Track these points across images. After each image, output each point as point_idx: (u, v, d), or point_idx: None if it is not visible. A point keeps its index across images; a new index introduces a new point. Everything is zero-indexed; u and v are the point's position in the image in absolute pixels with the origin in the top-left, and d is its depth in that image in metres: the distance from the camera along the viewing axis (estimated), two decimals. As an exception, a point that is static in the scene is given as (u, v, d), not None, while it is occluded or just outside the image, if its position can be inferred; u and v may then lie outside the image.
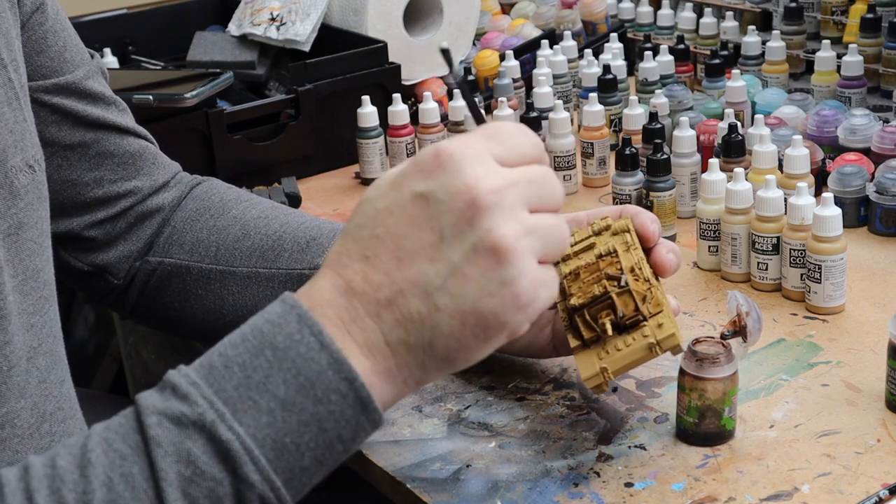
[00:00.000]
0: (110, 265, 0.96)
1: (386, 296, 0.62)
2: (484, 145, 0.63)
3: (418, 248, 0.62)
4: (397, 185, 0.63)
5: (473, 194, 0.61)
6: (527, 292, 0.62)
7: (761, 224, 1.04)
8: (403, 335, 0.62)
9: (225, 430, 0.59)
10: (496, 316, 0.62)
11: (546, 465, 0.81)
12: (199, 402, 0.60)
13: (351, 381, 0.61)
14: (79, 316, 1.83)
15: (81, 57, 0.92)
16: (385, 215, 0.63)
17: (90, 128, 0.92)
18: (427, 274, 0.61)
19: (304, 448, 0.61)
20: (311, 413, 0.60)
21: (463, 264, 0.61)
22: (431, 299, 0.61)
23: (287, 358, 0.61)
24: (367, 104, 1.38)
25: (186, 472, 0.58)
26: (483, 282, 0.61)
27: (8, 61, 0.77)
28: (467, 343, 0.62)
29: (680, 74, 1.50)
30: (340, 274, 0.63)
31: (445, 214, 0.61)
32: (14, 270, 0.74)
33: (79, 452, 0.59)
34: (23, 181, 0.75)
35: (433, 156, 0.62)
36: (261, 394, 0.60)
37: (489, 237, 0.61)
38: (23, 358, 0.74)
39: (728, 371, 0.80)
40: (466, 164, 0.62)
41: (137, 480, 0.58)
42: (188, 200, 1.00)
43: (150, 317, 1.01)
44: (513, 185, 0.62)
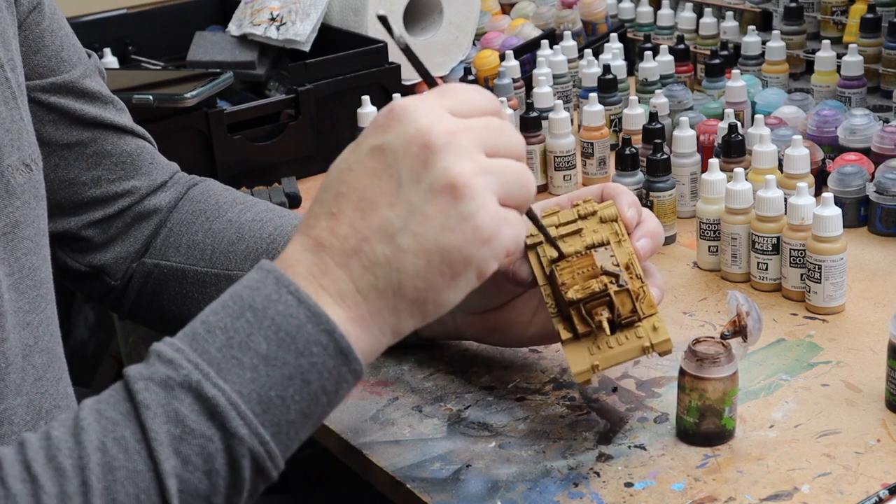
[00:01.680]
0: (107, 266, 0.96)
1: (352, 245, 0.64)
2: (436, 100, 0.66)
3: (379, 196, 0.64)
4: (356, 145, 0.66)
5: (426, 137, 0.64)
6: (487, 226, 0.64)
7: (761, 224, 1.04)
8: (372, 280, 0.64)
9: (210, 388, 0.61)
10: (459, 251, 0.63)
11: (546, 465, 0.81)
12: (183, 364, 0.61)
13: (330, 332, 0.63)
14: (79, 316, 1.83)
15: (79, 56, 0.92)
16: (346, 173, 0.65)
17: (87, 127, 0.92)
18: (389, 218, 0.64)
19: (289, 401, 0.62)
20: (293, 366, 0.62)
21: (422, 204, 0.63)
22: (395, 241, 0.63)
23: (267, 317, 0.63)
24: (367, 104, 1.37)
25: (176, 431, 0.60)
26: (443, 219, 0.63)
27: (5, 60, 0.77)
28: (434, 281, 0.64)
29: (680, 74, 1.50)
30: (308, 234, 0.65)
31: (401, 161, 0.64)
32: (10, 269, 0.74)
33: (71, 423, 0.61)
34: (19, 180, 0.75)
35: (387, 112, 0.66)
36: (243, 352, 0.62)
37: (444, 175, 0.63)
38: (18, 356, 0.74)
39: (728, 371, 0.80)
40: (419, 113, 0.65)
41: (130, 443, 0.60)
42: (184, 202, 0.99)
43: (149, 318, 1.01)
44: (466, 129, 0.65)
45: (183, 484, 0.60)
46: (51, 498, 0.58)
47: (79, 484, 0.59)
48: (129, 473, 0.59)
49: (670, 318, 1.01)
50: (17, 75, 0.78)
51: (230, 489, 0.61)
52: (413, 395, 0.92)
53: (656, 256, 1.14)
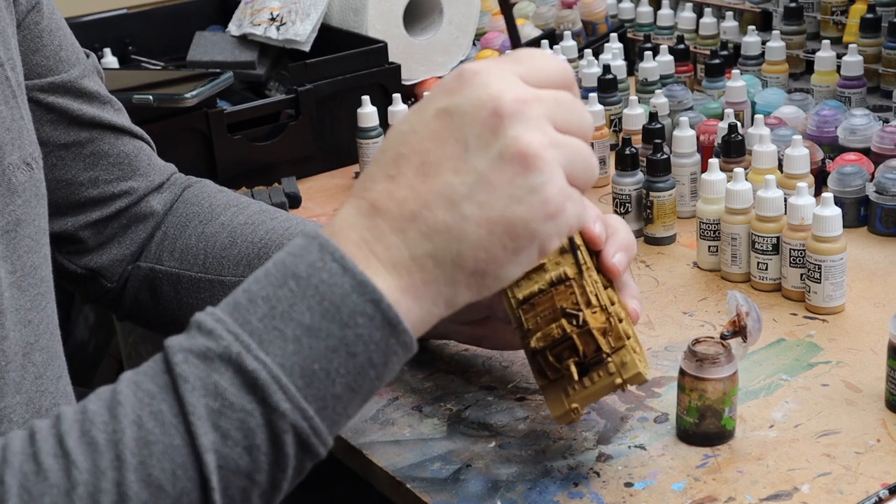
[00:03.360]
0: (103, 268, 0.96)
1: (411, 209, 0.61)
2: (508, 65, 0.63)
3: (443, 161, 0.61)
4: (421, 107, 0.63)
5: (497, 103, 0.60)
6: (555, 199, 0.61)
7: (761, 224, 1.04)
8: (430, 248, 0.61)
9: (251, 360, 0.58)
10: (525, 223, 0.61)
11: (546, 465, 0.81)
12: (223, 335, 0.59)
13: (377, 302, 0.60)
14: (79, 316, 1.83)
15: (77, 56, 0.92)
16: (409, 135, 0.62)
17: (85, 127, 0.92)
18: (452, 184, 0.60)
19: (334, 374, 0.60)
20: (338, 338, 0.59)
21: (489, 172, 0.60)
22: (458, 209, 0.60)
23: (310, 286, 0.60)
24: (367, 104, 1.38)
25: (215, 404, 0.58)
26: (510, 188, 0.60)
27: (5, 59, 0.77)
28: (496, 253, 0.61)
29: (680, 74, 1.50)
30: (363, 196, 0.62)
31: (470, 125, 0.61)
32: (11, 267, 0.74)
33: (108, 396, 0.59)
34: (20, 178, 0.75)
35: (456, 75, 0.62)
36: (286, 323, 0.59)
37: (515, 144, 0.60)
38: (18, 354, 0.74)
39: (728, 371, 0.80)
40: (490, 77, 0.61)
41: (167, 417, 0.58)
42: (179, 204, 0.99)
43: (146, 320, 1.01)
44: (538, 99, 0.62)
45: (222, 459, 0.58)
46: (82, 473, 0.56)
47: (112, 458, 0.57)
48: (166, 448, 0.57)
49: (670, 319, 1.01)
50: (16, 74, 0.78)
51: (273, 465, 0.59)
52: (413, 395, 0.92)
53: (657, 257, 1.14)
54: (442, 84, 0.63)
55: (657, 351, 0.96)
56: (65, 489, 0.56)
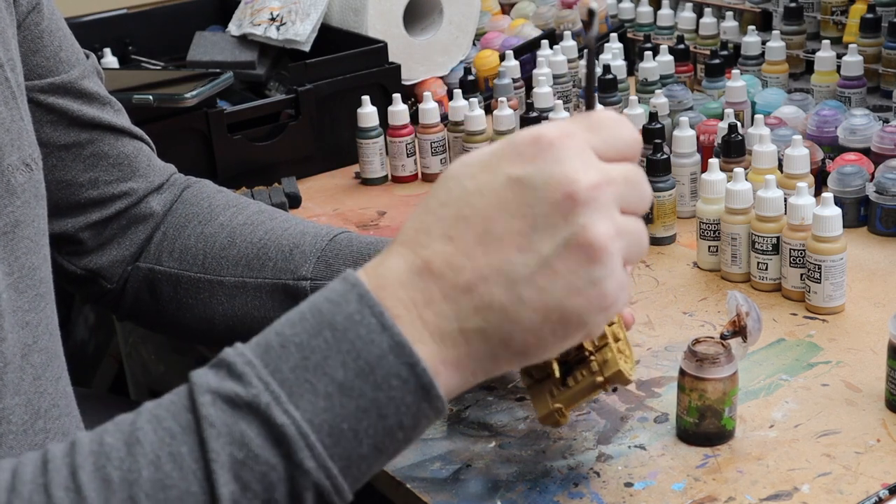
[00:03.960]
0: (103, 269, 0.96)
1: (467, 280, 0.59)
2: (585, 136, 0.61)
3: (507, 235, 0.59)
4: (490, 167, 0.60)
5: (572, 187, 0.58)
6: (611, 294, 0.60)
7: (761, 224, 1.04)
8: (481, 324, 0.59)
9: (280, 414, 0.57)
10: (579, 315, 0.59)
11: (546, 465, 0.81)
12: (254, 382, 0.57)
13: (412, 365, 0.58)
14: (79, 316, 1.83)
15: (77, 57, 0.92)
16: (475, 196, 0.60)
17: (85, 128, 0.92)
18: (514, 263, 0.59)
19: (362, 435, 0.58)
20: (370, 398, 0.58)
21: (553, 258, 0.59)
22: (516, 290, 0.59)
23: (346, 339, 0.58)
24: (367, 104, 1.38)
25: (239, 454, 0.56)
26: (572, 279, 0.59)
27: (4, 60, 0.77)
28: (545, 339, 0.60)
29: (680, 74, 1.50)
30: (418, 253, 0.60)
31: (540, 203, 0.59)
32: (10, 268, 0.74)
33: (127, 429, 0.58)
34: (20, 179, 0.75)
35: (532, 140, 0.60)
36: (318, 377, 0.58)
37: (584, 234, 0.58)
38: (17, 355, 0.74)
39: (728, 371, 0.80)
40: (566, 154, 0.59)
41: (186, 461, 0.56)
42: (178, 205, 0.99)
43: (146, 321, 1.01)
44: (610, 183, 0.60)
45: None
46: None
47: (124, 499, 0.55)
48: (182, 494, 0.56)
49: (670, 318, 1.01)
50: (16, 75, 0.78)
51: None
52: (413, 395, 0.91)
53: (657, 257, 1.14)
54: (515, 145, 0.60)
55: (657, 351, 0.96)
56: None
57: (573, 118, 0.62)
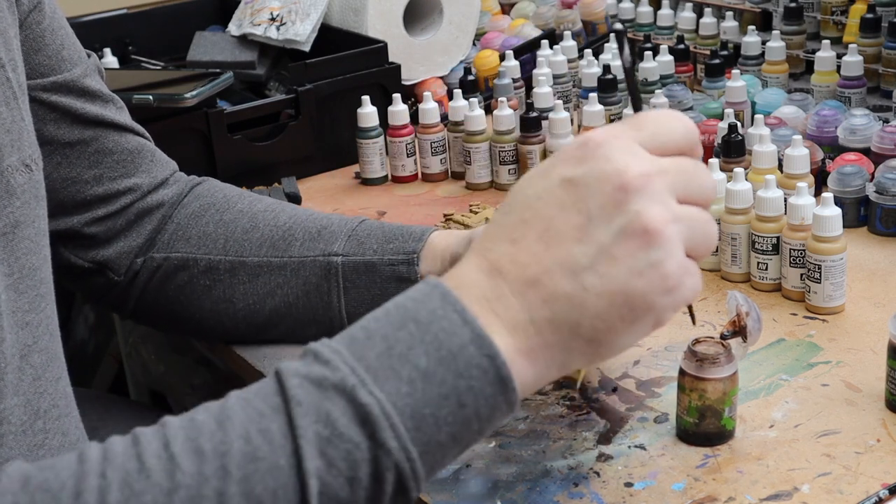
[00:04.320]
0: (111, 261, 0.97)
1: (532, 274, 0.62)
2: (631, 134, 0.64)
3: (566, 230, 0.62)
4: (545, 173, 0.64)
5: (622, 178, 0.61)
6: (674, 275, 0.62)
7: (761, 224, 1.04)
8: (549, 314, 0.62)
9: (366, 395, 0.59)
10: (643, 296, 0.62)
11: (546, 465, 0.81)
12: (340, 366, 0.60)
13: (492, 357, 0.60)
14: (79, 316, 1.83)
15: (79, 55, 0.92)
16: (533, 200, 0.63)
17: (89, 125, 0.93)
18: (574, 254, 0.62)
19: (441, 422, 0.60)
20: (451, 386, 0.60)
21: (611, 245, 0.61)
22: (579, 279, 0.61)
23: (429, 332, 0.61)
24: (367, 104, 1.38)
25: (325, 432, 0.58)
26: (631, 262, 0.61)
27: (6, 60, 0.77)
28: (613, 324, 0.62)
29: (680, 74, 1.50)
30: (485, 256, 0.63)
31: (594, 197, 0.62)
32: (9, 269, 0.74)
33: (216, 410, 0.60)
34: (19, 180, 0.75)
35: (581, 144, 0.63)
36: (402, 364, 0.60)
37: (638, 219, 0.61)
38: (16, 355, 0.74)
39: (728, 371, 0.81)
40: (614, 150, 0.62)
41: (275, 436, 0.58)
42: (190, 199, 1.00)
43: (153, 314, 1.01)
44: (662, 172, 0.62)
45: (324, 486, 0.58)
46: (186, 476, 0.57)
47: (217, 468, 0.57)
48: (271, 467, 0.57)
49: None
50: (18, 75, 0.78)
51: (369, 501, 0.59)
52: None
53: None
54: (566, 151, 0.64)
55: (657, 351, 0.96)
56: (167, 489, 0.56)
57: (620, 121, 0.64)
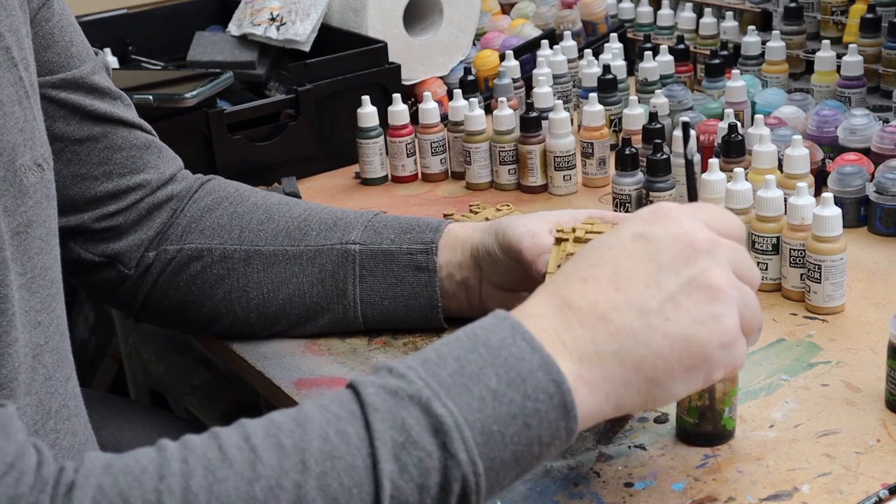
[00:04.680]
0: (122, 254, 0.97)
1: (601, 310, 0.65)
2: (696, 211, 0.70)
3: (636, 275, 0.66)
4: (617, 231, 0.69)
5: (691, 238, 0.67)
6: (731, 331, 0.66)
7: (761, 224, 1.04)
8: (616, 347, 0.65)
9: (440, 406, 0.61)
10: (702, 345, 0.66)
11: (546, 465, 0.81)
12: (415, 380, 0.62)
13: (559, 383, 0.63)
14: (79, 316, 1.83)
15: (87, 52, 0.93)
16: (605, 251, 0.68)
17: (98, 122, 0.93)
18: (643, 296, 0.66)
19: (507, 440, 0.62)
20: (519, 406, 0.62)
21: (678, 294, 0.66)
22: (646, 318, 0.65)
23: (500, 356, 0.63)
24: (367, 104, 1.38)
25: (400, 438, 0.60)
26: (695, 312, 0.66)
27: (18, 59, 0.77)
28: (672, 367, 0.66)
29: (680, 74, 1.50)
30: (556, 293, 0.67)
31: (664, 251, 0.67)
32: (22, 268, 0.74)
33: (294, 412, 0.61)
34: (31, 180, 0.76)
35: (653, 210, 0.69)
36: (473, 382, 0.62)
37: (704, 275, 0.66)
38: (29, 355, 0.74)
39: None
40: (684, 217, 0.68)
41: (353, 438, 0.60)
42: (201, 194, 1.01)
43: (162, 308, 1.01)
44: (723, 245, 0.68)
45: (396, 490, 0.59)
46: (267, 468, 0.58)
47: (297, 462, 0.59)
48: (347, 466, 0.59)
49: (670, 318, 1.01)
50: (29, 74, 0.79)
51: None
52: (413, 395, 0.92)
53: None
54: (638, 215, 0.70)
55: (657, 351, 0.96)
56: (248, 478, 0.58)
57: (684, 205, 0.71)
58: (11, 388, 0.72)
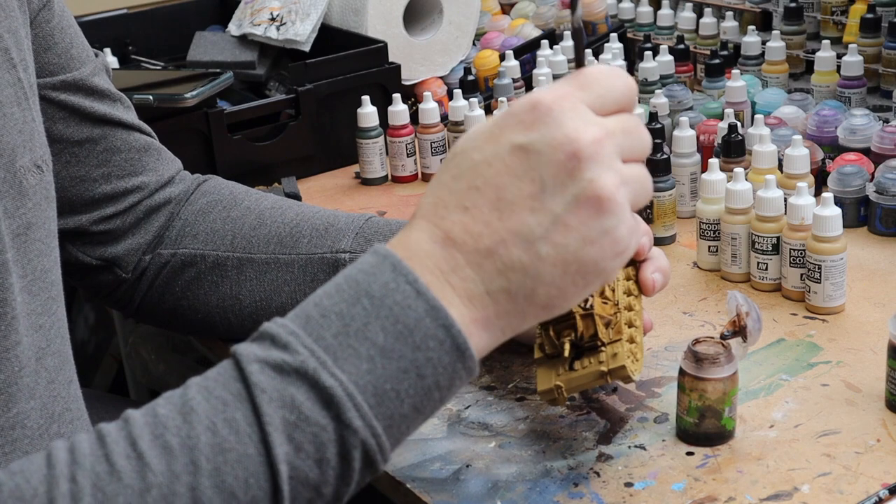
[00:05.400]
0: (119, 258, 0.97)
1: (486, 245, 0.63)
2: (579, 95, 0.64)
3: (519, 199, 0.63)
4: (494, 137, 0.64)
5: (574, 146, 0.62)
6: (624, 240, 0.64)
7: (761, 224, 1.04)
8: (505, 284, 0.63)
9: (328, 377, 0.59)
10: (596, 263, 0.63)
11: (546, 465, 0.81)
12: (299, 350, 0.60)
13: (448, 327, 0.61)
14: (79, 316, 1.83)
15: (87, 54, 0.92)
16: (483, 167, 0.63)
17: (97, 124, 0.93)
18: (529, 224, 0.62)
19: (403, 395, 0.61)
20: (409, 360, 0.61)
21: (565, 214, 0.62)
22: (534, 249, 0.62)
23: (384, 306, 0.61)
24: (367, 104, 1.38)
25: (291, 417, 0.59)
26: (585, 230, 0.62)
27: (17, 61, 0.77)
28: (567, 290, 0.64)
29: (680, 74, 1.50)
30: (438, 225, 0.64)
31: (546, 166, 0.62)
32: (23, 271, 0.74)
33: (179, 401, 0.60)
34: (31, 181, 0.76)
35: (530, 107, 0.63)
36: (360, 341, 0.61)
37: (591, 188, 0.62)
38: (32, 359, 0.74)
39: (728, 371, 0.80)
40: (565, 116, 0.63)
41: (241, 425, 0.58)
42: (197, 195, 1.00)
43: (158, 311, 1.01)
44: (609, 135, 0.64)
45: (294, 471, 0.59)
46: (157, 476, 0.57)
47: (186, 463, 0.57)
48: (240, 456, 0.58)
49: (670, 319, 1.01)
50: (29, 76, 0.78)
51: (339, 479, 0.60)
52: (413, 395, 0.91)
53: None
54: (515, 114, 0.64)
55: (657, 351, 0.96)
56: (139, 490, 0.56)
57: (565, 79, 0.66)
58: (14, 392, 0.72)
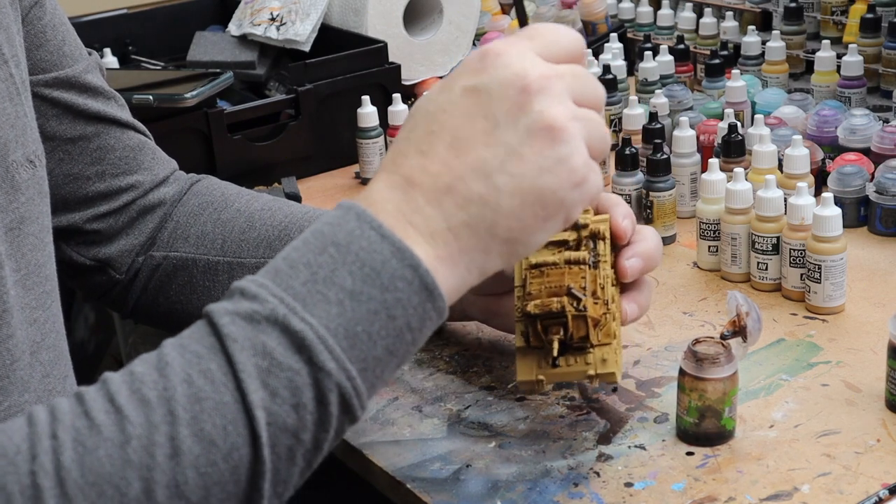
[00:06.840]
0: (112, 259, 0.97)
1: (445, 182, 0.64)
2: (527, 44, 0.67)
3: (474, 136, 0.64)
4: (446, 87, 0.66)
5: (524, 81, 0.64)
6: (580, 170, 0.65)
7: (761, 224, 1.04)
8: (465, 218, 0.64)
9: (298, 322, 0.60)
10: (554, 192, 0.64)
11: (546, 465, 0.81)
12: (269, 299, 0.61)
13: (415, 267, 0.62)
14: (79, 316, 1.83)
15: (80, 51, 0.92)
16: (438, 113, 0.65)
17: (91, 121, 0.93)
18: (485, 158, 0.64)
19: (375, 336, 0.62)
20: (379, 301, 0.62)
21: (519, 146, 0.64)
22: (491, 180, 0.64)
23: (350, 252, 0.62)
24: (367, 104, 1.38)
25: (263, 363, 0.59)
26: (540, 160, 0.64)
27: (9, 56, 0.77)
28: (528, 221, 0.65)
29: (680, 74, 1.50)
30: (396, 171, 0.65)
31: (498, 102, 0.64)
32: (16, 265, 0.74)
33: (154, 359, 0.60)
34: (24, 176, 0.76)
35: (479, 56, 0.66)
36: (328, 287, 0.61)
37: (542, 118, 0.64)
38: (26, 352, 0.74)
39: (728, 371, 0.80)
40: (513, 58, 0.65)
41: (216, 375, 0.59)
42: (189, 196, 1.00)
43: (153, 313, 1.01)
44: (559, 75, 0.65)
45: (271, 417, 0.59)
46: (136, 427, 0.57)
47: (164, 413, 0.58)
48: (217, 405, 0.58)
49: (670, 319, 1.01)
50: (20, 71, 0.79)
51: (317, 425, 0.61)
52: (413, 395, 0.92)
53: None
54: (465, 64, 0.66)
55: (657, 351, 0.96)
56: (119, 442, 0.57)
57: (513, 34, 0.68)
58: (7, 385, 0.72)
